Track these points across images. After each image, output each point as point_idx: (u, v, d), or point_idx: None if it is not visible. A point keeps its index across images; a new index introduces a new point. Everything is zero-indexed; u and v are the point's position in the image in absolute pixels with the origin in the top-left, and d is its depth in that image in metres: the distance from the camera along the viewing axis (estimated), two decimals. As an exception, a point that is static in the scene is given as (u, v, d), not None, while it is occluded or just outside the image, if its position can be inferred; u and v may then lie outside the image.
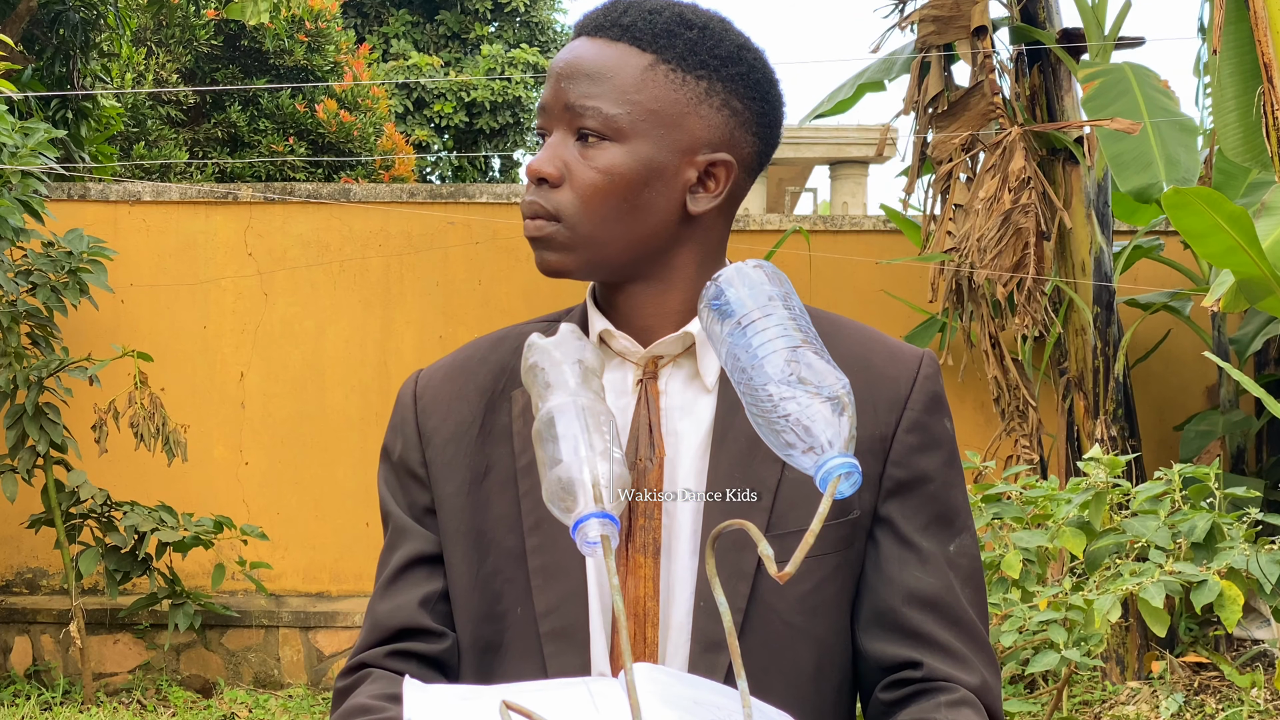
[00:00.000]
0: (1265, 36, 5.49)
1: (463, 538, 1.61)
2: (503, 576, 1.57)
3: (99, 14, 10.41)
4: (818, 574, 1.53)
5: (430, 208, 8.29)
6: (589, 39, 1.58)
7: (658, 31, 1.56)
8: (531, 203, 1.56)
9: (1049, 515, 4.67)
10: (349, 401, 8.15)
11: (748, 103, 1.59)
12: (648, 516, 1.55)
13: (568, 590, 1.54)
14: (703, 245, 1.60)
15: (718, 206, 1.59)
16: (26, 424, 6.92)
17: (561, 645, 1.54)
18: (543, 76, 16.77)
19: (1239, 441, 7.92)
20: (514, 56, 16.90)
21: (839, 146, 16.99)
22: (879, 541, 1.56)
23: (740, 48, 1.60)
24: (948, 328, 7.73)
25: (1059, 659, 4.31)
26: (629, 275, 1.59)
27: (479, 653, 1.59)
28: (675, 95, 1.55)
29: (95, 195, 8.20)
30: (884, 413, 1.57)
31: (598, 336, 1.62)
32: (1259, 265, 5.48)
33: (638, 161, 1.54)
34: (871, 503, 1.56)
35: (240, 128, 13.04)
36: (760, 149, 1.62)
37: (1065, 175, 7.52)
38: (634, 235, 1.56)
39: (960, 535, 1.59)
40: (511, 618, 1.56)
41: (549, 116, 1.58)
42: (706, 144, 1.57)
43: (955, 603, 1.55)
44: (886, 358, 1.61)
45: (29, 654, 7.74)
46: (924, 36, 7.52)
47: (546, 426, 1.40)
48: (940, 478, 1.58)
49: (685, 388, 1.59)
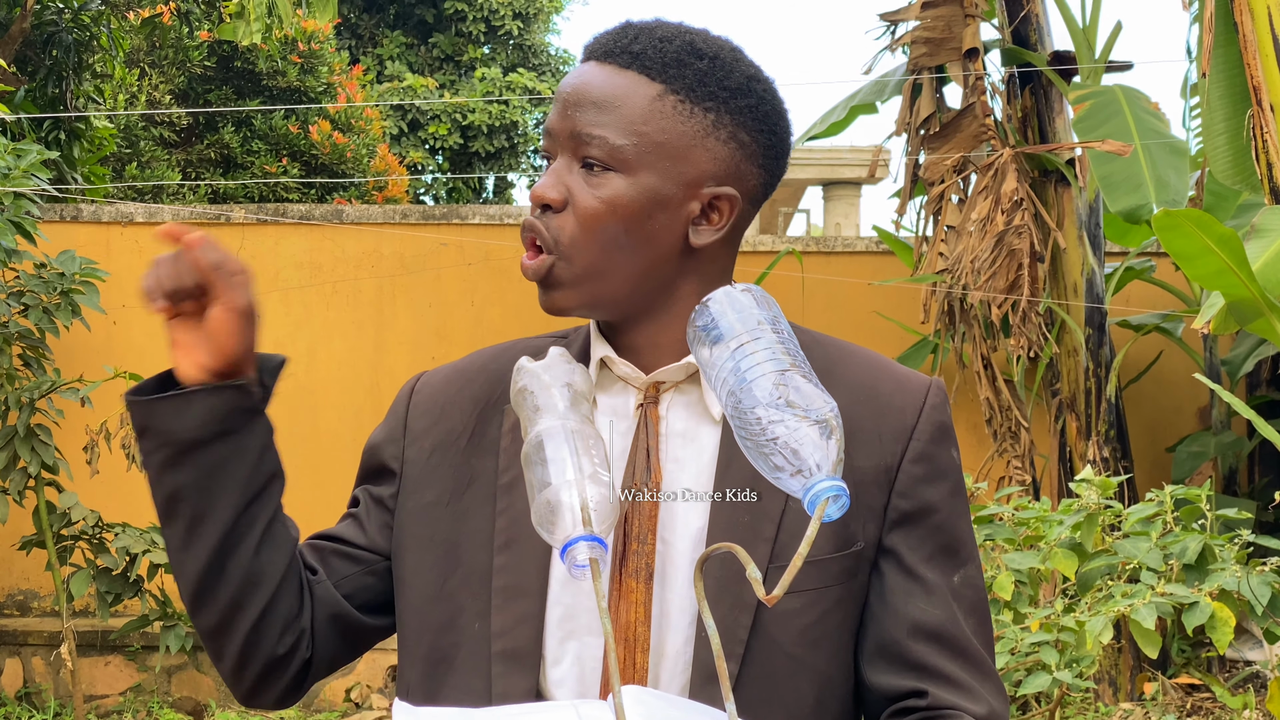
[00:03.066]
0: (1254, 60, 5.52)
1: (435, 547, 1.60)
2: (468, 591, 1.57)
3: (92, 35, 10.42)
4: (821, 606, 1.52)
5: (423, 229, 8.30)
6: (598, 64, 1.57)
7: (668, 61, 1.55)
8: (531, 225, 1.55)
9: (1041, 536, 4.67)
10: (342, 422, 8.14)
11: (755, 135, 1.58)
12: (640, 541, 1.54)
13: (524, 612, 1.54)
14: (705, 276, 1.59)
15: (721, 239, 1.58)
16: (18, 445, 6.91)
17: (510, 666, 1.53)
18: (539, 101, 16.85)
19: (1231, 463, 7.93)
20: (510, 81, 16.94)
21: (832, 168, 17.00)
22: (883, 572, 1.55)
23: (750, 79, 1.58)
24: (940, 349, 7.74)
25: (1051, 680, 4.31)
26: (631, 310, 1.58)
27: (431, 664, 1.58)
28: (683, 127, 1.54)
29: (88, 216, 8.21)
30: (890, 443, 1.56)
31: (599, 362, 1.61)
32: (1249, 287, 5.49)
33: (641, 193, 1.53)
34: (876, 534, 1.54)
35: (233, 149, 13.05)
36: (765, 180, 1.61)
37: (1057, 197, 7.54)
38: (635, 266, 1.55)
39: (965, 566, 1.57)
40: (468, 633, 1.56)
41: (554, 141, 1.57)
42: (712, 177, 1.55)
43: (960, 634, 1.54)
44: (894, 387, 1.60)
45: (20, 676, 7.71)
46: (916, 58, 7.55)
47: (535, 450, 1.40)
48: (946, 509, 1.57)
49: (688, 415, 1.58)
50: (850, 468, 1.53)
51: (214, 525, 1.53)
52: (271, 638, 1.58)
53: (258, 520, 1.55)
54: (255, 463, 1.54)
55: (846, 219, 17.54)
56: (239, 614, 1.56)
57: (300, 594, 1.61)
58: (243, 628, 1.57)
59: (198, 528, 1.53)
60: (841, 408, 1.52)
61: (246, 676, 1.61)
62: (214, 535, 1.53)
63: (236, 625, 1.57)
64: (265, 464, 1.55)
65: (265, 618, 1.57)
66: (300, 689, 1.64)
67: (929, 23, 7.46)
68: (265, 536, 1.56)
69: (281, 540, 1.58)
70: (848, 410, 1.53)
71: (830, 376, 1.55)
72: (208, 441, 1.50)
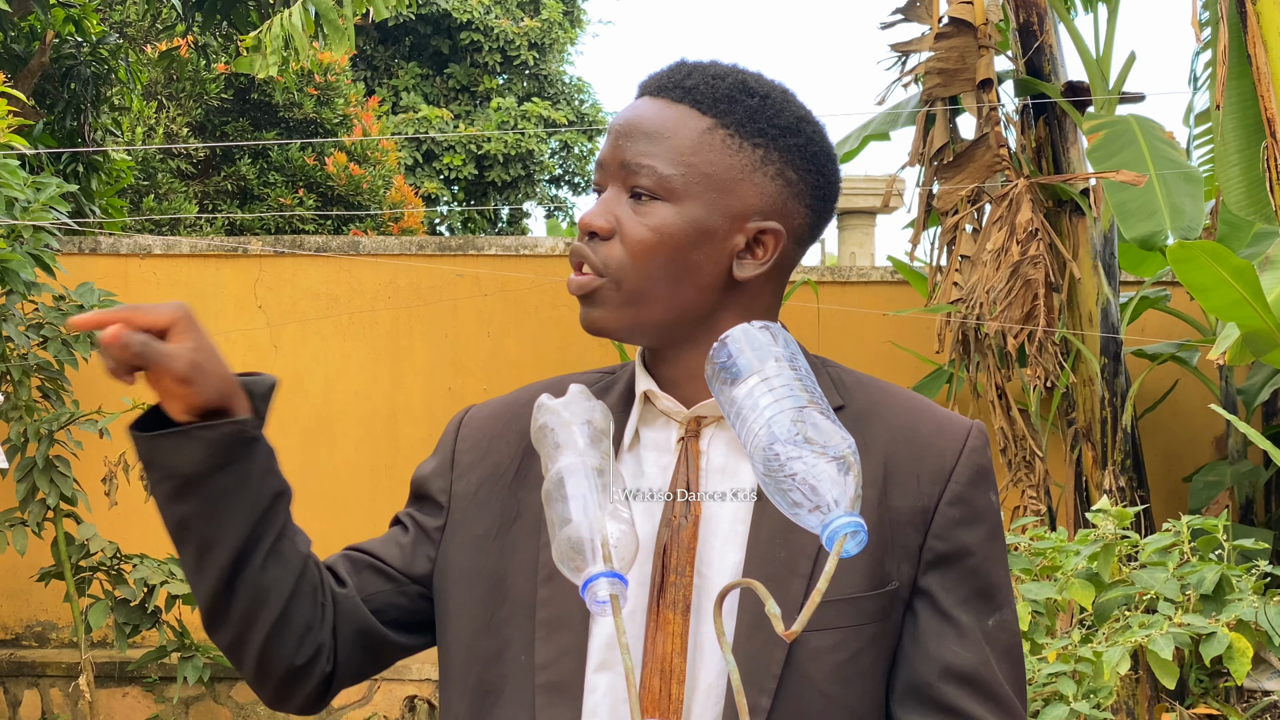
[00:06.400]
0: (1268, 91, 5.53)
1: (483, 580, 1.62)
2: (514, 623, 1.59)
3: (110, 69, 10.49)
4: (855, 644, 1.52)
5: (439, 260, 8.32)
6: (651, 99, 1.60)
7: (719, 96, 1.57)
8: (579, 250, 1.58)
9: (1057, 567, 4.67)
10: (358, 453, 8.16)
11: (803, 174, 1.60)
12: (678, 573, 1.55)
13: (567, 644, 1.55)
14: (748, 311, 1.60)
15: (764, 274, 1.59)
16: (37, 477, 6.93)
17: (554, 698, 1.54)
18: (554, 130, 16.90)
19: (1247, 492, 7.91)
20: (526, 110, 16.99)
21: (846, 197, 16.98)
22: (917, 614, 1.55)
23: (800, 119, 1.61)
24: (955, 379, 7.74)
25: (1068, 712, 4.30)
26: (672, 338, 1.60)
27: (479, 696, 1.59)
28: (731, 160, 1.56)
29: (106, 249, 8.25)
30: (927, 485, 1.56)
31: (643, 395, 1.62)
32: (1264, 319, 5.49)
33: (687, 223, 1.55)
34: (911, 575, 1.55)
35: (250, 181, 13.11)
36: (813, 221, 1.63)
37: (1072, 227, 7.54)
38: (679, 296, 1.57)
39: (1000, 610, 1.57)
40: (514, 665, 1.57)
41: (605, 172, 1.60)
42: (758, 211, 1.57)
43: (992, 678, 1.54)
44: (934, 428, 1.60)
45: (38, 707, 7.72)
46: (929, 89, 7.56)
47: (556, 487, 1.42)
48: (982, 552, 1.57)
49: (728, 450, 1.59)
50: (887, 508, 1.55)
51: (222, 550, 1.55)
52: (288, 649, 1.60)
53: (264, 540, 1.57)
54: (258, 487, 1.56)
55: (861, 248, 17.54)
56: (251, 629, 1.59)
57: (317, 606, 1.63)
58: (256, 641, 1.59)
59: (207, 554, 1.55)
60: (881, 448, 1.54)
61: (268, 685, 1.63)
62: (223, 559, 1.55)
63: (250, 639, 1.59)
64: (268, 486, 1.57)
65: (278, 631, 1.59)
66: (325, 696, 1.67)
67: (942, 54, 7.48)
68: (273, 555, 1.58)
69: (289, 556, 1.60)
70: (887, 450, 1.56)
71: (871, 416, 1.58)
72: (209, 474, 1.52)
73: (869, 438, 1.56)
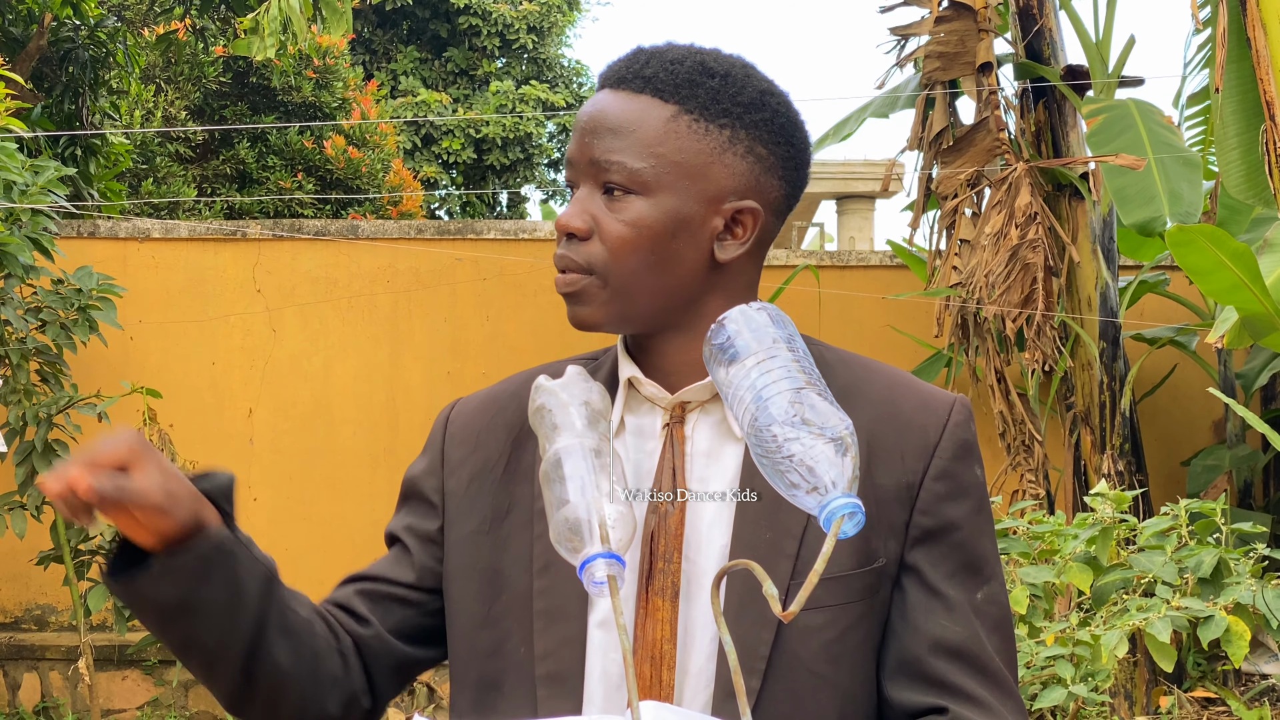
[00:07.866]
0: (1267, 75, 5.52)
1: (479, 575, 1.62)
2: (512, 616, 1.59)
3: (108, 52, 10.47)
4: (843, 622, 1.53)
5: (438, 244, 8.32)
6: (612, 91, 1.59)
7: (679, 82, 1.57)
8: (563, 256, 1.58)
9: (1056, 550, 4.67)
10: (357, 438, 8.16)
11: (772, 148, 1.59)
12: (666, 560, 1.55)
13: (566, 635, 1.55)
14: (732, 291, 1.60)
15: (746, 252, 1.60)
16: (35, 460, 6.93)
17: (554, 689, 1.55)
18: (552, 113, 16.88)
19: (1246, 476, 7.91)
20: (524, 93, 16.97)
21: (845, 181, 17.01)
22: (905, 589, 1.55)
23: (763, 93, 1.60)
24: (954, 363, 7.74)
25: (1066, 694, 4.31)
26: (659, 326, 1.60)
27: (481, 690, 1.60)
28: (699, 145, 1.56)
29: (104, 232, 8.24)
30: (912, 460, 1.57)
31: (626, 382, 1.62)
32: (1262, 302, 5.49)
33: (664, 213, 1.55)
34: (898, 551, 1.55)
35: (249, 164, 13.09)
36: (787, 192, 1.63)
37: (1071, 211, 7.54)
38: (664, 285, 1.57)
39: (988, 583, 1.58)
40: (514, 657, 1.58)
41: (575, 170, 1.59)
42: (732, 192, 1.57)
43: (982, 651, 1.54)
44: (917, 404, 1.60)
45: (38, 690, 7.74)
46: (929, 72, 7.56)
47: (554, 468, 1.42)
48: (968, 526, 1.57)
49: (713, 434, 1.59)
50: (873, 485, 1.54)
51: (232, 654, 1.55)
52: (319, 708, 1.61)
53: (269, 627, 1.56)
54: (249, 584, 1.54)
55: (860, 232, 17.54)
56: (280, 708, 1.60)
57: (337, 657, 1.63)
58: (286, 713, 1.61)
59: (218, 663, 1.56)
60: (864, 425, 1.54)
61: None
62: (234, 661, 1.55)
63: (280, 713, 1.61)
64: (256, 576, 1.56)
65: (307, 699, 1.60)
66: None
67: (942, 37, 7.47)
68: (280, 634, 1.57)
69: (297, 628, 1.60)
70: (870, 427, 1.55)
71: (854, 394, 1.57)
72: (193, 593, 1.50)
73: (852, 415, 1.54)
